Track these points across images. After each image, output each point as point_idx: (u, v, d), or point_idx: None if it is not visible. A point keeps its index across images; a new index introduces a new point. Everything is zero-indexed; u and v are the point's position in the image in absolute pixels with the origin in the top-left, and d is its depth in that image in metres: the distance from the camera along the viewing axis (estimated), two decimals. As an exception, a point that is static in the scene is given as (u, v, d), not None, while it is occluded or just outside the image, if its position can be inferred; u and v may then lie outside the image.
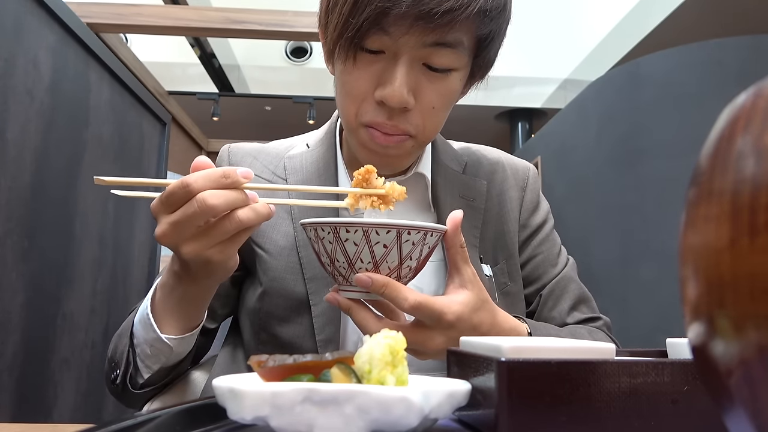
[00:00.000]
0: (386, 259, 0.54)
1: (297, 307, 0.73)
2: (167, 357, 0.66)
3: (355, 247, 0.54)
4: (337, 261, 0.55)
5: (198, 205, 0.51)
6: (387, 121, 0.66)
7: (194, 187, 0.51)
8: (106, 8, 2.81)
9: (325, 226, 0.54)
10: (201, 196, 0.51)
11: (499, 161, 0.86)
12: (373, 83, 0.66)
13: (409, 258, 0.55)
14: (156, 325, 0.64)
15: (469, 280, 0.58)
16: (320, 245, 0.56)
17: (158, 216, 0.54)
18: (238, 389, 0.32)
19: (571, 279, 0.83)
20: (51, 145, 1.12)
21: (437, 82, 0.67)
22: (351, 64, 0.65)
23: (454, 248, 0.57)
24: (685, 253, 0.22)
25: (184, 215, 0.52)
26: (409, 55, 0.64)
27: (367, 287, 0.54)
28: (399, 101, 0.64)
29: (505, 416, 0.34)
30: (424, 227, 0.54)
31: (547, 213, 0.86)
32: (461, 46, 0.65)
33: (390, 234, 0.53)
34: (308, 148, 0.82)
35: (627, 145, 3.00)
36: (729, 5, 4.58)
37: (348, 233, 0.53)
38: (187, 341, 0.67)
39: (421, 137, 0.69)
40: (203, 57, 5.77)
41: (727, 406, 0.20)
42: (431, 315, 0.54)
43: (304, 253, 0.73)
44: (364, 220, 0.53)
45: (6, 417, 0.99)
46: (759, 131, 0.19)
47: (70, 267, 1.22)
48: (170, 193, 0.52)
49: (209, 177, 0.52)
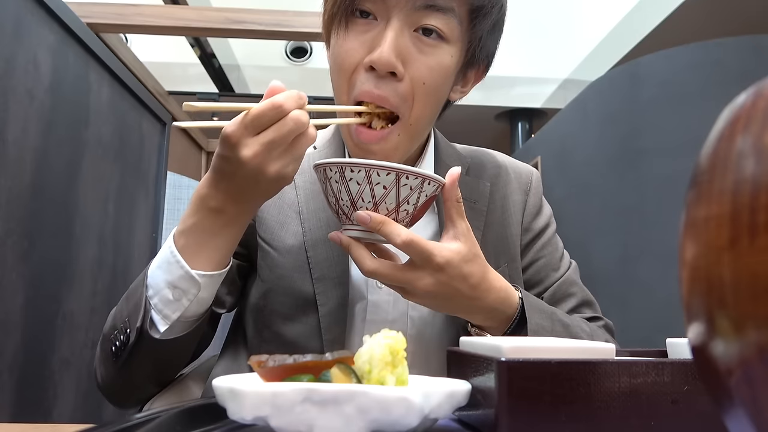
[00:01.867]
0: (385, 200, 0.59)
1: (303, 306, 0.73)
2: (191, 300, 0.62)
3: (358, 186, 0.58)
4: (342, 199, 0.60)
5: (294, 123, 0.55)
6: (374, 87, 0.67)
7: (287, 107, 0.55)
8: (106, 8, 2.81)
9: (333, 165, 0.59)
10: (295, 115, 0.55)
11: (502, 165, 0.86)
12: (365, 51, 0.67)
13: (406, 202, 0.59)
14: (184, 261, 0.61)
15: (462, 233, 0.60)
16: (328, 185, 0.60)
17: (241, 139, 0.56)
18: (238, 389, 0.32)
19: (574, 282, 0.83)
20: (51, 145, 1.12)
21: (428, 54, 0.68)
22: (343, 32, 0.68)
23: (450, 201, 0.60)
24: (685, 253, 0.22)
25: (279, 134, 0.55)
26: (400, 19, 0.66)
27: (366, 224, 0.58)
28: (387, 63, 0.65)
29: (505, 416, 0.34)
30: (422, 174, 0.58)
31: (549, 217, 0.86)
32: (452, 12, 0.67)
33: (390, 176, 0.57)
34: (315, 150, 0.82)
35: (627, 145, 3.00)
36: (729, 5, 4.58)
37: (352, 173, 0.58)
38: (214, 282, 0.64)
39: (407, 118, 0.69)
40: (203, 57, 5.77)
41: (727, 406, 0.20)
42: (421, 254, 0.58)
43: (312, 253, 0.73)
44: (368, 161, 0.58)
45: (6, 417, 0.99)
46: (759, 131, 0.19)
47: (70, 267, 1.22)
48: (260, 115, 0.55)
49: (294, 98, 0.56)
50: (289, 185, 0.77)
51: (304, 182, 0.78)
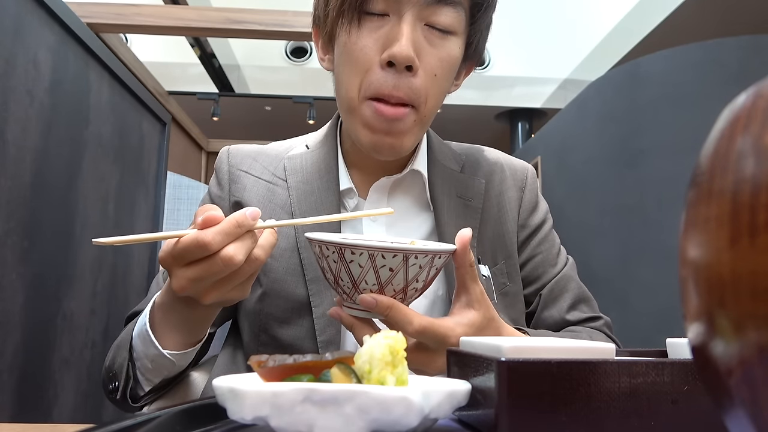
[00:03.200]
0: (392, 282, 0.53)
1: (298, 308, 0.73)
2: (169, 371, 0.67)
3: (360, 269, 0.52)
4: (342, 280, 0.54)
5: (223, 263, 0.50)
6: (392, 89, 0.67)
7: (213, 246, 0.50)
8: (106, 8, 2.81)
9: (330, 245, 0.53)
10: (227, 254, 0.50)
11: (497, 161, 0.86)
12: (379, 47, 0.67)
13: (415, 281, 0.54)
14: (157, 342, 0.63)
15: (476, 299, 0.57)
16: (324, 262, 0.55)
17: (171, 269, 0.53)
18: (238, 389, 0.32)
19: (571, 278, 0.83)
20: (51, 145, 1.12)
21: (438, 46, 0.69)
22: (356, 30, 0.67)
23: (464, 267, 0.56)
24: (685, 253, 0.22)
25: (207, 272, 0.51)
26: (413, 14, 0.66)
27: (372, 309, 0.53)
28: (406, 57, 0.65)
29: (505, 416, 0.34)
30: (431, 251, 0.53)
31: (545, 213, 0.86)
32: (460, 5, 0.69)
33: (396, 258, 0.51)
34: (308, 149, 0.82)
35: (627, 145, 3.00)
36: (729, 5, 4.58)
37: (353, 255, 0.52)
38: (189, 355, 0.67)
39: (422, 110, 0.70)
40: (203, 57, 5.77)
41: (727, 406, 0.20)
42: (435, 338, 0.54)
43: (305, 255, 0.73)
44: (370, 242, 0.52)
45: (6, 417, 0.99)
46: (759, 131, 0.19)
47: (70, 267, 1.22)
48: (184, 250, 0.51)
49: (225, 232, 0.51)
50: (281, 186, 0.78)
51: (296, 182, 0.78)
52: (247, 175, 0.80)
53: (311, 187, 0.77)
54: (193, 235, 0.50)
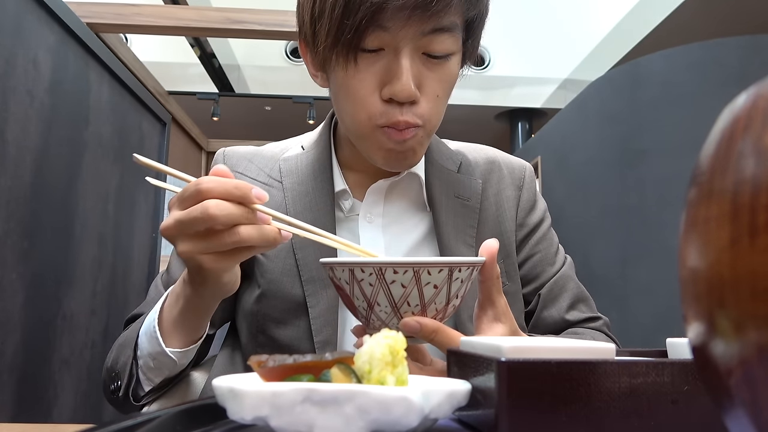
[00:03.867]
0: (435, 300, 0.50)
1: (294, 309, 0.73)
2: (170, 370, 0.67)
3: (403, 290, 0.49)
4: (378, 305, 0.50)
5: (200, 211, 0.50)
6: (399, 118, 0.66)
7: (203, 190, 0.50)
8: (106, 8, 2.81)
9: (366, 266, 0.48)
10: (206, 203, 0.50)
11: (495, 160, 0.86)
12: (378, 82, 0.65)
13: (455, 297, 0.51)
14: (161, 339, 0.64)
15: (502, 312, 0.56)
16: (356, 287, 0.50)
17: (171, 208, 0.53)
18: (238, 389, 0.32)
19: (570, 278, 0.83)
20: (51, 145, 1.12)
21: (438, 70, 0.67)
22: (353, 67, 0.65)
23: (491, 280, 0.55)
24: (685, 253, 0.22)
25: (187, 216, 0.51)
26: (410, 47, 0.64)
27: (416, 334, 0.50)
28: (408, 95, 0.64)
29: (505, 416, 0.34)
30: (472, 262, 0.51)
31: (544, 212, 0.86)
32: (457, 28, 0.66)
33: (442, 273, 0.48)
34: (303, 150, 0.82)
35: (627, 145, 3.00)
36: (729, 5, 4.58)
37: (396, 274, 0.48)
38: (189, 353, 0.67)
39: (428, 126, 0.69)
40: (203, 57, 5.77)
41: (727, 406, 0.20)
42: None
43: (300, 255, 0.73)
44: (415, 259, 0.49)
45: (6, 417, 0.99)
46: (759, 131, 0.19)
47: (70, 267, 1.22)
48: (184, 190, 0.52)
49: (221, 185, 0.51)
50: (276, 187, 0.78)
51: (291, 184, 0.78)
52: (243, 176, 0.80)
53: (306, 188, 0.77)
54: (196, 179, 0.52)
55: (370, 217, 0.77)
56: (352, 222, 0.78)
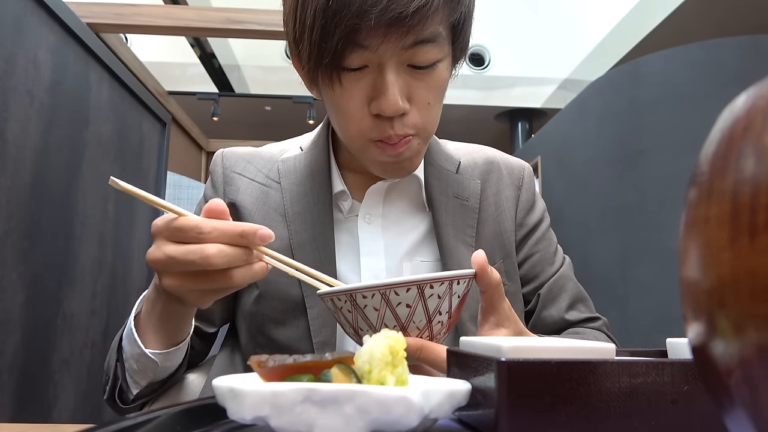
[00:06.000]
0: (413, 319, 0.50)
1: (293, 309, 0.73)
2: (154, 372, 0.66)
3: (376, 313, 0.50)
4: (361, 330, 0.51)
5: (200, 257, 0.48)
6: (391, 131, 0.65)
7: (206, 237, 0.49)
8: (106, 8, 2.81)
9: (341, 294, 0.50)
10: (206, 250, 0.48)
11: (494, 160, 0.86)
12: (366, 98, 0.64)
13: (438, 313, 0.51)
14: (140, 340, 0.63)
15: (505, 317, 0.56)
16: (340, 315, 0.52)
17: (156, 237, 0.52)
18: (238, 389, 0.32)
19: (569, 278, 0.83)
20: (51, 145, 1.12)
21: (426, 79, 0.65)
22: (338, 86, 0.64)
23: (491, 288, 0.54)
24: (685, 253, 0.22)
25: (183, 257, 0.49)
26: (393, 62, 0.62)
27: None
28: (395, 110, 0.63)
29: (505, 416, 0.34)
30: (447, 277, 0.50)
31: (543, 212, 0.86)
32: (440, 37, 0.63)
33: (411, 292, 0.49)
34: (302, 151, 0.82)
35: (627, 145, 3.00)
36: (729, 5, 4.58)
37: (365, 299, 0.49)
38: (172, 356, 0.66)
39: (423, 134, 0.69)
40: (203, 57, 5.77)
41: (727, 406, 0.20)
42: None
43: (299, 256, 0.73)
44: (381, 282, 0.49)
45: (6, 417, 0.99)
46: (759, 131, 0.19)
47: (70, 267, 1.22)
48: (179, 228, 0.50)
49: (225, 232, 0.49)
50: (274, 188, 0.78)
51: (290, 184, 0.78)
52: (241, 177, 0.80)
53: (304, 189, 0.77)
54: (196, 220, 0.50)
55: (369, 218, 0.77)
56: (351, 223, 0.78)
